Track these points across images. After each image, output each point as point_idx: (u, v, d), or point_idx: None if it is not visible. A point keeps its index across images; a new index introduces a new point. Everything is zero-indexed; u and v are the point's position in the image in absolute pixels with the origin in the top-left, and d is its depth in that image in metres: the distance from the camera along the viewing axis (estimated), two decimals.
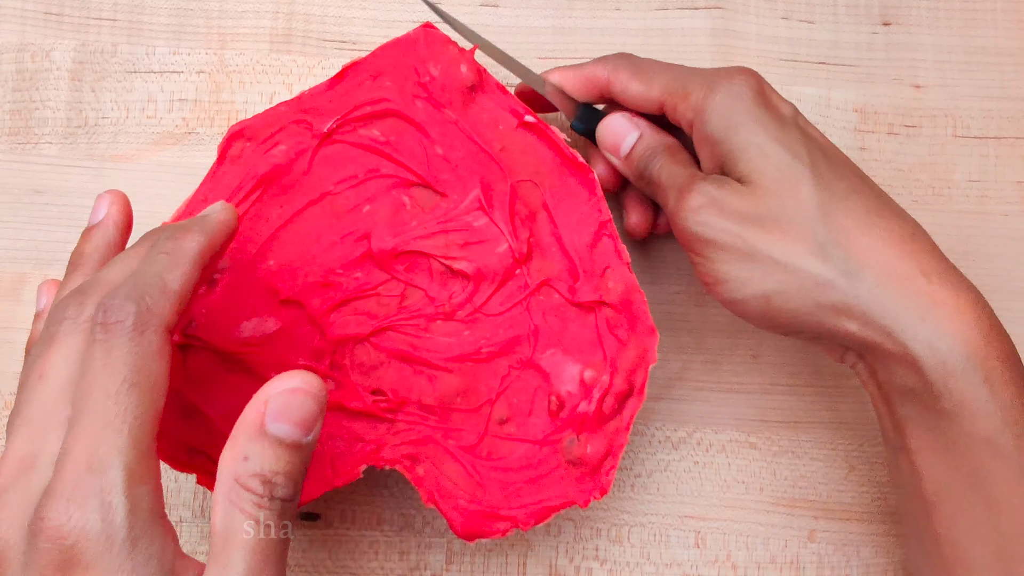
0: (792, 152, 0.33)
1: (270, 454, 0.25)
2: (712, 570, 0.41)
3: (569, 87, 0.38)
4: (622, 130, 0.37)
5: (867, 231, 0.32)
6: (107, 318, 0.25)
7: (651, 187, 0.36)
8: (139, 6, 0.44)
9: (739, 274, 0.33)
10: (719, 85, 0.34)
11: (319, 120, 0.38)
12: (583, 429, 0.37)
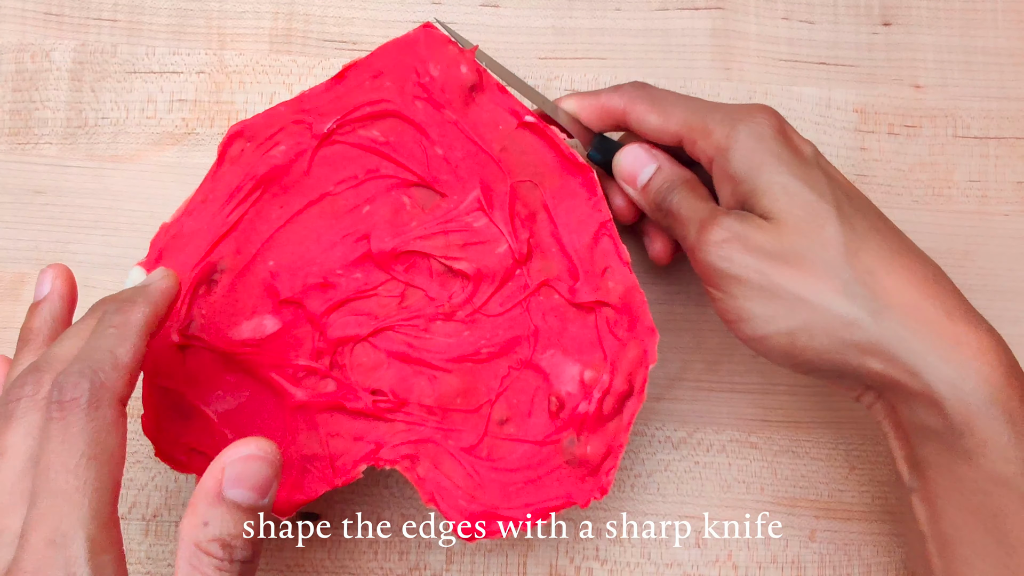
0: (816, 191, 0.33)
1: (228, 519, 0.26)
2: (712, 570, 0.41)
3: (584, 116, 0.38)
4: (639, 162, 0.37)
5: (891, 271, 0.32)
6: (62, 395, 0.26)
7: (668, 219, 0.36)
8: (139, 6, 0.44)
9: (762, 311, 0.33)
10: (741, 123, 0.34)
11: (319, 120, 0.38)
12: (583, 429, 0.37)
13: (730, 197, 0.35)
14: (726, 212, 0.34)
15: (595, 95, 0.38)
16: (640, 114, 0.37)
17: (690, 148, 0.36)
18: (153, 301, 0.30)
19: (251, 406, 0.37)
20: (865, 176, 0.44)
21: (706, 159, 0.35)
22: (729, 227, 0.33)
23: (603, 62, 0.44)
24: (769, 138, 0.34)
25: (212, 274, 0.37)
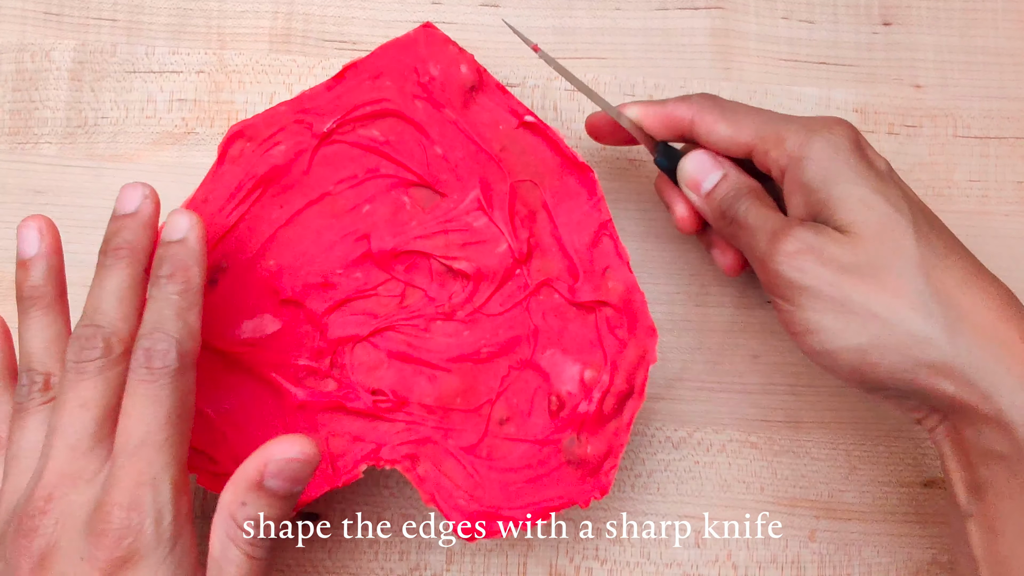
0: (894, 205, 0.33)
1: (264, 503, 0.30)
2: (712, 570, 0.41)
3: (647, 124, 0.37)
4: (705, 168, 0.36)
5: (967, 291, 0.32)
6: (151, 363, 0.30)
7: (733, 227, 0.35)
8: (139, 6, 0.44)
9: (833, 324, 0.32)
10: (816, 134, 0.34)
11: (319, 120, 0.38)
12: (583, 429, 0.37)
13: (802, 207, 0.34)
14: (799, 223, 0.33)
15: (661, 104, 0.37)
16: (709, 124, 0.36)
17: (761, 158, 0.35)
18: (200, 260, 0.32)
19: (251, 406, 0.37)
20: None
21: (778, 169, 0.35)
22: (803, 238, 0.33)
23: (603, 62, 0.44)
24: (845, 150, 0.33)
25: (212, 274, 0.37)
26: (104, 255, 0.33)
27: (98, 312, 0.31)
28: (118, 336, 0.31)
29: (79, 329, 0.31)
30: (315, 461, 0.30)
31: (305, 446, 0.30)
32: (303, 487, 0.31)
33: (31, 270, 0.34)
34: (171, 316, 0.31)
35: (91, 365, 0.31)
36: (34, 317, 0.33)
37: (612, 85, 0.44)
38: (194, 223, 0.33)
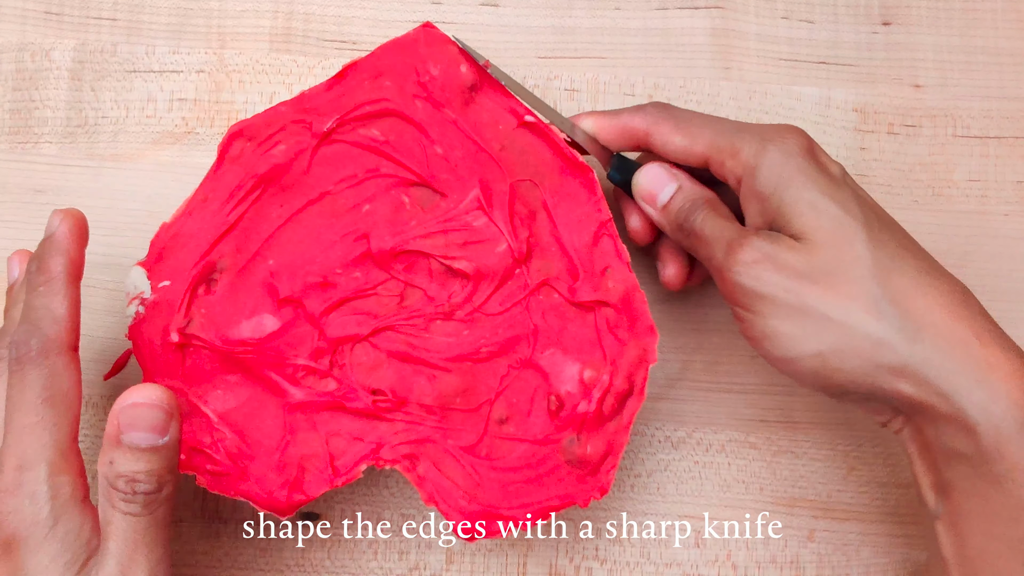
0: (845, 209, 0.33)
1: (129, 458, 0.30)
2: (712, 570, 0.41)
3: (603, 136, 0.37)
4: (659, 181, 0.37)
5: (922, 291, 0.32)
6: (18, 352, 0.32)
7: (691, 239, 0.36)
8: (139, 6, 0.44)
9: (791, 331, 0.32)
10: (770, 142, 0.34)
11: (319, 120, 0.38)
12: (583, 429, 0.37)
13: (757, 216, 0.34)
14: (755, 232, 0.34)
15: (615, 115, 0.37)
16: (664, 135, 0.36)
17: (717, 168, 0.35)
18: (64, 248, 0.33)
19: (250, 405, 0.37)
20: (865, 176, 0.44)
21: (734, 178, 0.35)
22: (759, 247, 0.33)
23: (603, 61, 0.44)
24: (798, 156, 0.34)
25: (212, 273, 0.37)
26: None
27: (5, 325, 0.34)
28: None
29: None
30: (166, 403, 0.31)
31: (147, 391, 0.31)
32: (171, 436, 0.31)
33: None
34: (36, 307, 0.32)
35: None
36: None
37: (612, 85, 0.44)
38: (64, 217, 0.34)
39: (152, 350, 0.36)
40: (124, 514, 0.31)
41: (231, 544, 0.41)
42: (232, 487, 0.36)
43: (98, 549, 0.31)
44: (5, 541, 0.31)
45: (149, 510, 0.31)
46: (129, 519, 0.31)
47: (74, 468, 0.32)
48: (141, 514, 0.31)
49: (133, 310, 0.37)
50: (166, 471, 0.31)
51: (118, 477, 0.30)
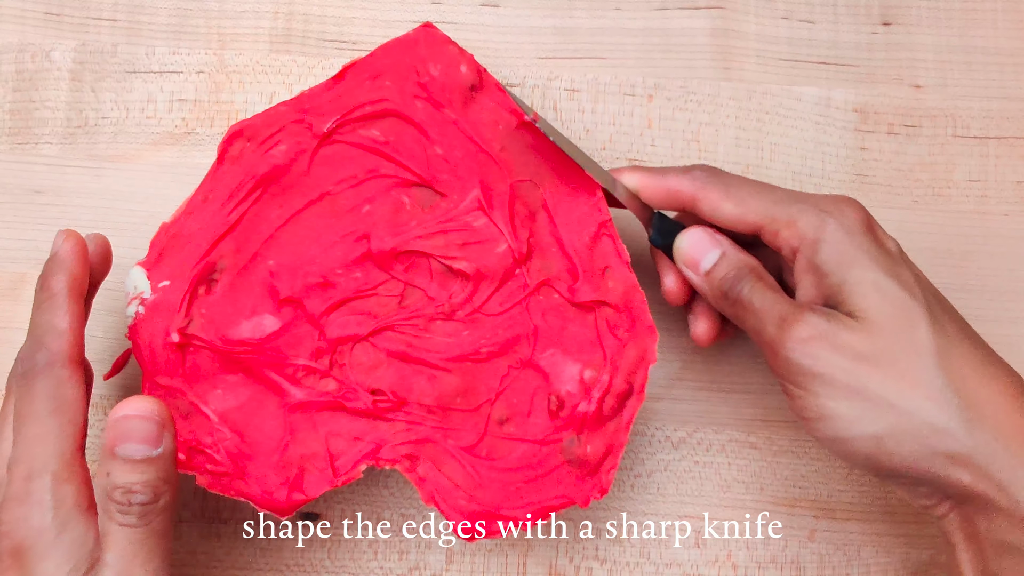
0: (908, 291, 0.32)
1: (125, 470, 0.31)
2: (712, 570, 0.41)
3: (646, 195, 0.37)
4: (703, 246, 0.36)
5: (983, 380, 0.32)
6: (24, 369, 0.33)
7: (736, 308, 0.35)
8: (139, 6, 0.44)
9: (847, 412, 0.32)
10: (829, 216, 0.34)
11: (319, 120, 0.38)
12: (583, 429, 0.37)
13: (813, 289, 0.34)
14: (810, 308, 0.33)
15: (661, 175, 0.37)
16: (713, 202, 0.35)
17: (770, 238, 0.35)
18: (66, 266, 0.34)
19: (250, 406, 0.37)
20: (865, 176, 0.44)
21: (789, 249, 0.34)
22: (815, 324, 0.32)
23: (603, 62, 0.44)
24: (859, 233, 0.33)
25: (212, 273, 0.37)
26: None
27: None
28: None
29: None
30: (157, 414, 0.31)
31: (138, 403, 0.31)
32: (165, 447, 0.31)
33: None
34: (40, 323, 0.34)
35: (8, 384, 0.34)
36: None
37: (612, 85, 0.44)
38: (67, 236, 0.35)
39: (152, 350, 0.36)
40: (120, 525, 0.31)
41: (231, 544, 0.41)
42: (232, 487, 0.36)
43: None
44: (14, 549, 0.31)
45: (145, 521, 0.31)
46: (125, 530, 0.31)
47: (79, 477, 0.32)
48: (137, 525, 0.31)
49: (133, 310, 0.37)
50: (162, 481, 0.31)
51: (114, 489, 0.31)
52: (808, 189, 0.43)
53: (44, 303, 0.34)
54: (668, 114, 0.44)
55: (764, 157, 0.44)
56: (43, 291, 0.34)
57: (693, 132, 0.44)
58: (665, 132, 0.44)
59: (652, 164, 0.43)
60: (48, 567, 0.31)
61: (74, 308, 0.34)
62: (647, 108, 0.44)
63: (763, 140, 0.44)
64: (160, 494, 0.31)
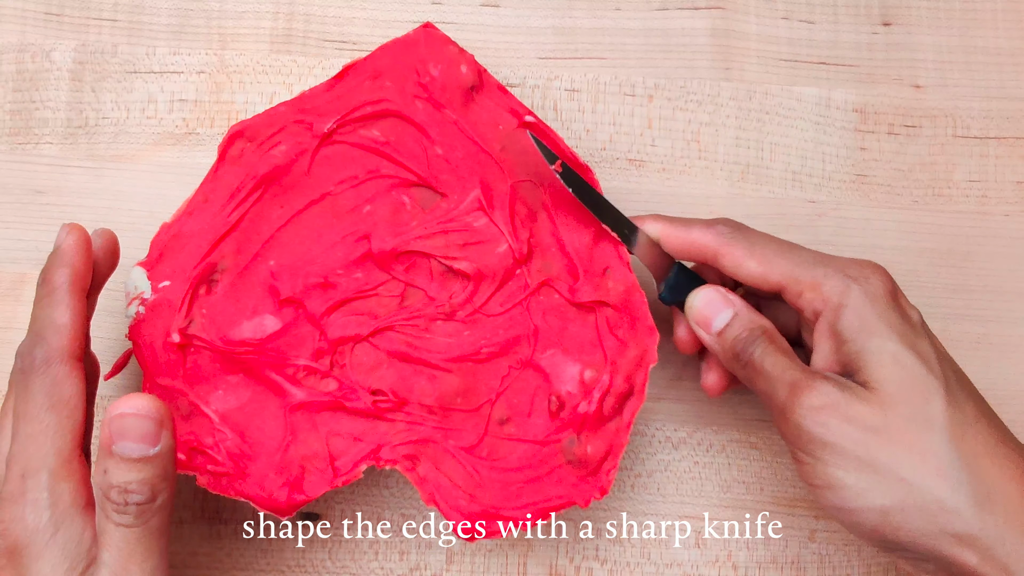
0: (927, 364, 0.32)
1: (122, 468, 0.30)
2: (712, 570, 0.41)
3: (668, 245, 0.37)
4: (715, 306, 0.36)
5: (996, 460, 0.31)
6: (23, 365, 0.32)
7: (747, 370, 0.35)
8: (139, 6, 0.44)
9: (856, 483, 0.32)
10: (854, 282, 0.33)
11: (319, 120, 0.38)
12: (583, 429, 0.37)
13: (830, 354, 0.34)
14: (823, 376, 0.33)
15: (685, 226, 0.36)
16: (737, 258, 0.35)
17: (792, 299, 0.35)
18: (68, 260, 0.34)
19: (251, 406, 0.37)
20: (865, 176, 0.44)
21: (811, 311, 0.34)
22: (828, 393, 0.32)
23: (603, 62, 0.44)
24: (883, 302, 0.33)
25: (212, 274, 0.37)
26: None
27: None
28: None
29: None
30: (155, 412, 0.30)
31: (136, 401, 0.30)
32: (163, 446, 0.31)
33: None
34: (40, 318, 0.33)
35: (11, 380, 0.34)
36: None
37: (612, 85, 0.44)
38: (70, 230, 0.34)
39: (152, 350, 0.36)
40: (117, 525, 0.30)
41: (232, 545, 0.41)
42: (233, 487, 0.36)
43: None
44: (10, 548, 0.31)
45: (142, 520, 0.31)
46: (122, 530, 0.30)
47: (77, 475, 0.32)
48: (134, 524, 0.30)
49: (133, 310, 0.37)
50: (159, 480, 0.31)
51: (111, 488, 0.30)
52: (808, 189, 0.43)
53: (44, 298, 0.34)
54: (668, 114, 0.44)
55: (764, 157, 0.44)
56: (44, 285, 0.34)
57: (693, 132, 0.44)
58: (665, 132, 0.44)
59: (652, 164, 0.43)
60: (43, 567, 0.30)
61: (75, 303, 0.33)
62: (647, 108, 0.44)
63: (763, 140, 0.44)
64: (157, 493, 0.31)
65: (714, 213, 0.43)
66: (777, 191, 0.43)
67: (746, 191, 0.43)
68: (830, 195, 0.44)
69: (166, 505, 0.31)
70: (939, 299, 0.43)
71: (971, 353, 0.43)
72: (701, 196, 0.43)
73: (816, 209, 0.43)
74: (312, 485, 0.36)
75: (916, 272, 0.43)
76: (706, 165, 0.44)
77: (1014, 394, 0.42)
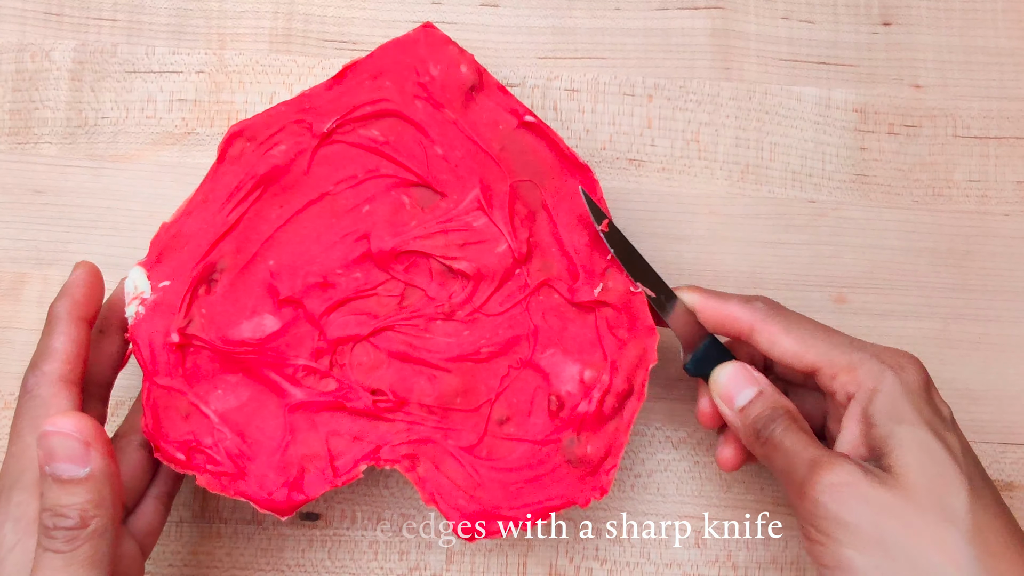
0: (954, 458, 0.32)
1: (55, 490, 0.30)
2: (712, 570, 0.41)
3: (703, 316, 0.37)
4: (740, 382, 0.36)
5: (1011, 560, 0.31)
6: (24, 390, 0.34)
7: (767, 448, 0.35)
8: (139, 6, 0.44)
9: (865, 565, 0.31)
10: (890, 370, 0.34)
11: (319, 120, 0.38)
12: (583, 429, 0.37)
13: (858, 438, 0.34)
14: (844, 456, 0.33)
15: (722, 299, 0.37)
16: (773, 335, 0.35)
17: (826, 381, 0.35)
18: (69, 293, 0.35)
19: (250, 406, 0.37)
20: (865, 176, 0.44)
21: (844, 395, 0.34)
22: (849, 472, 0.32)
23: (603, 62, 0.44)
24: (916, 392, 0.33)
25: (212, 273, 0.37)
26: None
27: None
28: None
29: None
30: (78, 435, 0.30)
31: (64, 420, 0.30)
32: (95, 467, 0.30)
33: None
34: (39, 345, 0.34)
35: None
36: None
37: (612, 85, 0.44)
38: (78, 265, 0.36)
39: (152, 350, 0.36)
40: (44, 549, 0.29)
41: (231, 544, 0.41)
42: (232, 487, 0.36)
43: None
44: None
45: (70, 546, 0.29)
46: (49, 555, 0.29)
47: (30, 503, 0.32)
48: (61, 550, 0.29)
49: (133, 310, 0.37)
50: (92, 505, 0.30)
51: (43, 510, 0.30)
52: (808, 189, 0.43)
53: (46, 327, 0.35)
54: (668, 114, 0.44)
55: (764, 157, 0.44)
56: (47, 316, 0.35)
57: (693, 132, 0.44)
58: (665, 132, 0.44)
59: (652, 164, 0.43)
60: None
61: (71, 330, 0.34)
62: (647, 108, 0.44)
63: (763, 140, 0.44)
64: (89, 519, 0.30)
65: (714, 213, 0.43)
66: (777, 191, 0.43)
67: (746, 191, 0.43)
68: (830, 195, 0.44)
69: (101, 533, 0.30)
70: (939, 299, 0.43)
71: (971, 353, 0.43)
72: (701, 196, 0.43)
73: (816, 209, 0.43)
74: (312, 485, 0.36)
75: (916, 272, 0.43)
76: (706, 165, 0.44)
77: (1014, 394, 0.43)
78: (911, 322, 0.43)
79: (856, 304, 0.43)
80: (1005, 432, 0.42)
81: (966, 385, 0.43)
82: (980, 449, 0.42)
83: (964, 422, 0.42)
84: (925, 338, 0.43)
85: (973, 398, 0.42)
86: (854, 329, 0.42)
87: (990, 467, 0.42)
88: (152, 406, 0.36)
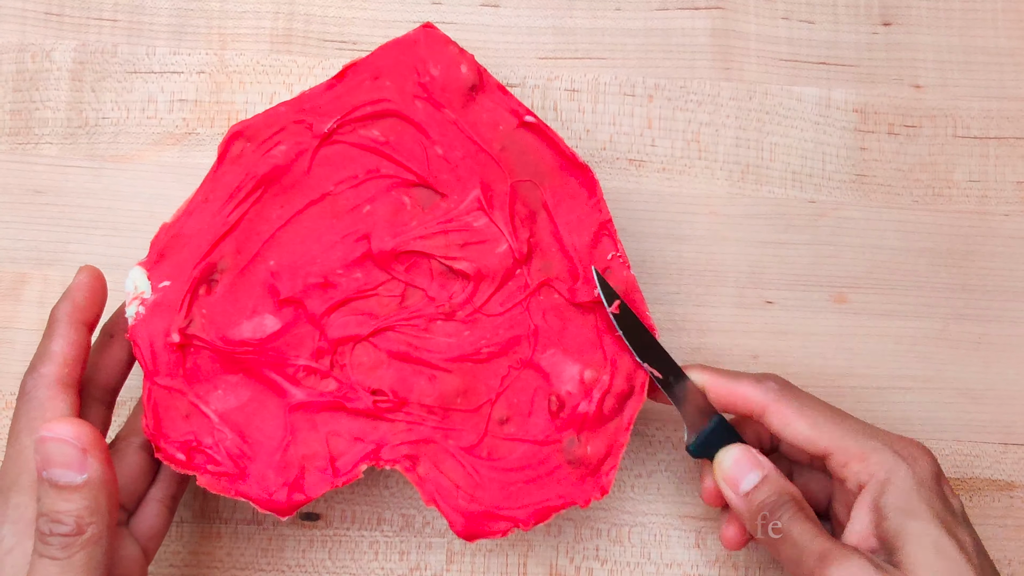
0: (965, 555, 0.32)
1: (51, 496, 0.30)
2: (712, 570, 0.41)
3: (713, 394, 0.36)
4: (744, 466, 0.35)
5: None
6: (23, 391, 0.34)
7: (773, 537, 0.34)
8: (139, 6, 0.44)
9: None
10: (903, 461, 0.33)
11: (319, 120, 0.38)
12: (583, 429, 0.37)
13: (868, 527, 0.33)
14: (854, 550, 0.33)
15: (733, 379, 0.36)
16: (786, 417, 0.35)
17: (837, 468, 0.35)
18: (70, 296, 0.35)
19: (251, 406, 0.37)
20: (865, 176, 0.44)
21: (854, 483, 0.34)
22: (861, 567, 0.32)
23: (603, 62, 0.44)
24: (928, 486, 0.33)
25: (212, 274, 0.37)
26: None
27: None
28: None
29: None
30: (75, 442, 0.30)
31: (55, 427, 0.30)
32: (93, 473, 0.30)
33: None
34: (39, 348, 0.35)
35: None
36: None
37: (612, 85, 0.44)
38: (81, 268, 0.36)
39: (152, 350, 0.36)
40: (40, 555, 0.29)
41: (232, 544, 0.41)
42: (232, 487, 0.36)
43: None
44: None
45: (66, 553, 0.29)
46: (44, 561, 0.29)
47: (27, 506, 0.32)
48: (57, 557, 0.29)
49: (133, 310, 0.37)
50: (87, 512, 0.30)
51: (40, 515, 0.30)
52: (808, 189, 0.43)
53: (46, 330, 0.35)
54: (668, 114, 0.44)
55: (764, 157, 0.44)
56: (49, 319, 0.35)
57: (693, 132, 0.44)
58: (665, 132, 0.44)
59: (652, 164, 0.43)
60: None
61: (70, 333, 0.34)
62: (647, 108, 0.44)
63: (763, 140, 0.44)
64: (84, 526, 0.30)
65: (714, 213, 0.43)
66: (777, 191, 0.43)
67: (746, 191, 0.43)
68: (830, 195, 0.44)
69: (96, 541, 0.30)
70: (939, 299, 0.43)
71: (971, 353, 0.43)
72: (701, 196, 0.43)
73: (816, 209, 0.43)
74: (312, 485, 0.36)
75: (916, 272, 0.43)
76: (706, 165, 0.44)
77: (1014, 394, 0.43)
78: (911, 322, 0.43)
79: (856, 304, 0.43)
80: (1005, 432, 0.42)
81: (966, 385, 0.43)
82: (980, 449, 0.42)
83: (964, 422, 0.42)
84: (925, 338, 0.43)
85: (973, 398, 0.43)
86: (854, 329, 0.42)
87: (990, 467, 0.42)
88: (152, 406, 0.36)
